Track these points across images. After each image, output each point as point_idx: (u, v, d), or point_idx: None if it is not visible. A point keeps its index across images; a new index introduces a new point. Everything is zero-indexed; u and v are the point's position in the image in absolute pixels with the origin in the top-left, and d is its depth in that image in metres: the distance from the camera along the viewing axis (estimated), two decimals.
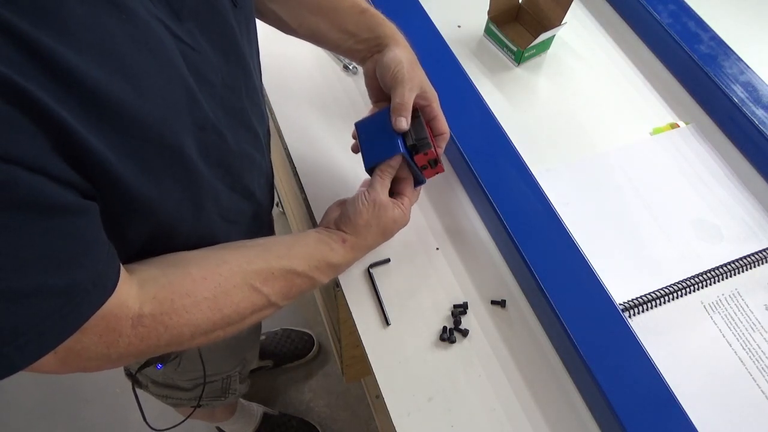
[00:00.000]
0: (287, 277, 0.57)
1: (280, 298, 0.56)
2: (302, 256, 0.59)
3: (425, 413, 0.64)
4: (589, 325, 0.64)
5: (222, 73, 0.52)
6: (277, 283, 0.56)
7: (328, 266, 0.61)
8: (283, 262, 0.57)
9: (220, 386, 0.96)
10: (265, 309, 0.56)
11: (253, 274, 0.54)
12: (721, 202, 0.81)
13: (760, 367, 0.68)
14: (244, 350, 0.96)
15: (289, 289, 0.57)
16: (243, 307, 0.53)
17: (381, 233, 0.65)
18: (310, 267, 0.59)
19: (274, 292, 0.55)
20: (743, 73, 0.86)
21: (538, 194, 0.73)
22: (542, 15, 0.95)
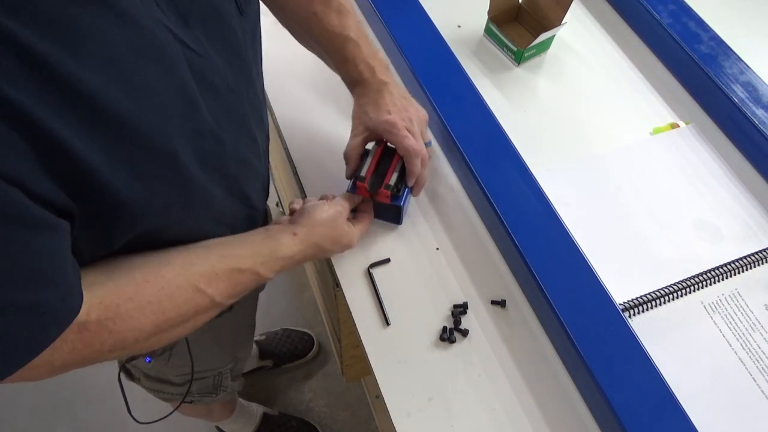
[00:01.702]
0: (231, 276, 0.56)
1: (225, 297, 0.56)
2: (247, 254, 0.59)
3: (425, 413, 0.64)
4: (589, 325, 0.64)
5: (227, 79, 0.53)
6: (221, 284, 0.55)
7: (275, 260, 0.61)
8: (227, 261, 0.56)
9: (212, 383, 0.96)
10: (210, 309, 0.56)
11: (197, 275, 0.53)
12: (721, 202, 0.81)
13: (760, 367, 0.68)
14: (235, 348, 0.96)
15: (234, 287, 0.57)
16: (186, 309, 0.53)
17: (331, 239, 0.66)
18: (255, 263, 0.59)
19: (218, 293, 0.55)
20: (743, 73, 0.86)
21: (538, 194, 0.73)
22: (542, 15, 0.95)
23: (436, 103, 0.80)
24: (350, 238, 0.68)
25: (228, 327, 0.86)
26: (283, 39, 0.77)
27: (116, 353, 0.49)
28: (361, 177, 0.70)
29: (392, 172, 0.70)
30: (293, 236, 0.62)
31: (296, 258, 0.62)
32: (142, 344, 0.51)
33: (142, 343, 0.51)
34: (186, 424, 1.45)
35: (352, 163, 0.71)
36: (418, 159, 0.69)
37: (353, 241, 0.68)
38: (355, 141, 0.71)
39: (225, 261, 0.56)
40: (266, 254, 0.60)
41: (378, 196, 0.70)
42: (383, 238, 0.76)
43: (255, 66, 0.60)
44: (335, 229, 0.66)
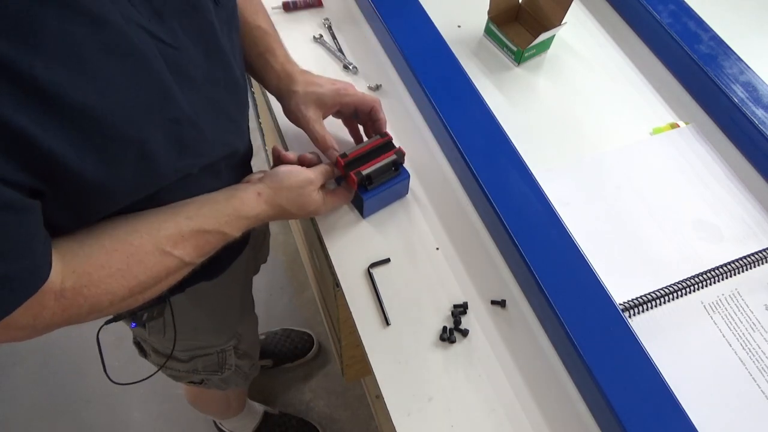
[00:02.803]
0: (197, 236, 0.59)
1: (194, 257, 0.59)
2: (211, 214, 0.61)
3: (425, 413, 0.64)
4: (589, 325, 0.64)
5: (203, 69, 0.56)
6: (188, 244, 0.58)
7: (239, 219, 0.63)
8: (192, 222, 0.59)
9: (216, 360, 0.96)
10: (180, 269, 0.59)
11: (164, 239, 0.56)
12: (721, 202, 0.81)
13: (760, 367, 0.68)
14: (234, 324, 0.96)
15: (202, 247, 0.60)
16: (157, 271, 0.56)
17: (297, 204, 0.67)
18: (219, 223, 0.61)
19: (186, 253, 0.58)
20: (743, 73, 0.86)
21: (538, 194, 0.73)
22: (542, 15, 0.95)
23: (436, 103, 0.80)
24: (316, 207, 0.69)
25: (217, 301, 0.86)
26: (284, 39, 0.77)
27: (94, 315, 0.53)
28: (344, 154, 0.72)
29: (374, 165, 0.72)
30: (258, 196, 0.64)
31: (260, 217, 0.65)
32: (119, 305, 0.55)
33: (118, 305, 0.55)
34: (186, 423, 1.45)
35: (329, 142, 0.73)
36: (382, 108, 0.74)
37: (320, 210, 0.71)
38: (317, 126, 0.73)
39: (190, 222, 0.58)
40: (230, 213, 0.62)
41: (348, 178, 0.72)
42: (383, 238, 0.76)
43: (233, 53, 0.63)
44: (301, 196, 0.67)
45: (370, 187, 0.72)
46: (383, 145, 0.73)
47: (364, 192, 0.72)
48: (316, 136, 0.72)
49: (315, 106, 0.72)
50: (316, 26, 0.97)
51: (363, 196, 0.72)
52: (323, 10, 0.99)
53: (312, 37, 0.95)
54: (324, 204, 0.70)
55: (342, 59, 0.92)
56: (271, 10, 0.98)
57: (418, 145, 0.84)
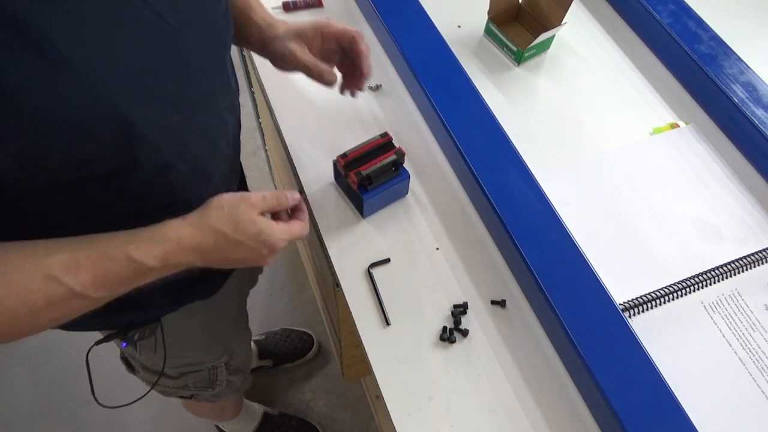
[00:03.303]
0: (98, 262, 0.49)
1: (90, 287, 0.49)
2: (121, 238, 0.51)
3: (425, 413, 0.64)
4: (589, 325, 0.64)
5: (200, 57, 0.54)
6: (83, 272, 0.48)
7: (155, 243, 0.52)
8: (94, 247, 0.50)
9: (207, 376, 0.95)
10: (68, 301, 0.48)
11: (53, 262, 0.47)
12: (721, 202, 0.81)
13: (760, 367, 0.68)
14: (226, 340, 0.95)
15: (102, 276, 0.49)
16: (33, 299, 0.46)
17: (232, 224, 0.56)
18: (127, 248, 0.51)
19: (79, 282, 0.48)
20: (743, 73, 0.86)
21: (538, 194, 0.73)
22: (542, 15, 0.95)
23: (436, 103, 0.80)
24: (259, 228, 0.57)
25: (211, 318, 0.85)
26: None
27: None
28: (344, 154, 0.72)
29: (375, 164, 0.72)
30: (182, 219, 0.55)
31: (185, 242, 0.53)
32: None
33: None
34: (186, 424, 1.45)
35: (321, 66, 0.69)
36: (363, 41, 0.70)
37: (271, 235, 0.58)
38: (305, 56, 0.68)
39: (91, 247, 0.49)
40: (144, 237, 0.52)
41: (348, 178, 0.72)
42: (383, 238, 0.76)
43: (228, 52, 0.62)
44: (234, 215, 0.56)
45: (370, 187, 0.72)
46: (383, 145, 0.73)
47: (364, 192, 0.72)
48: (306, 64, 0.68)
49: (296, 39, 0.69)
50: None
51: (363, 196, 0.72)
52: (323, 10, 0.99)
53: None
54: (272, 229, 0.58)
55: None
56: (271, 10, 0.97)
57: (418, 145, 0.84)
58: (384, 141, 0.73)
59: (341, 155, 0.72)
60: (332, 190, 0.79)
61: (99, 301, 0.51)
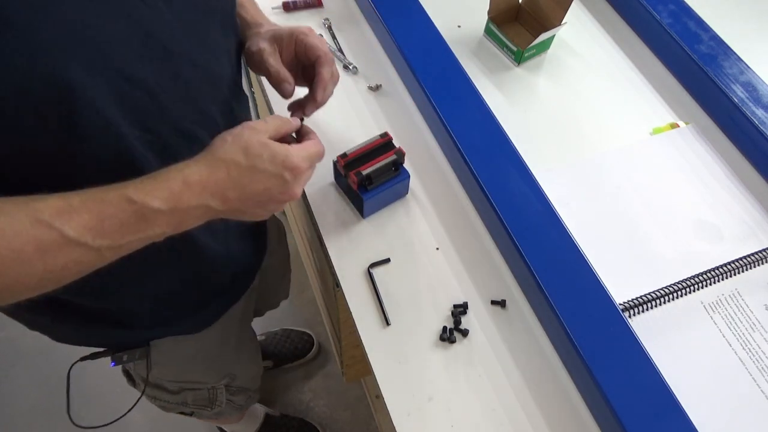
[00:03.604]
0: (93, 206, 0.44)
1: (86, 233, 0.44)
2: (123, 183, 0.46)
3: (425, 413, 0.64)
4: (589, 325, 0.64)
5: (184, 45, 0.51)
6: (77, 216, 0.43)
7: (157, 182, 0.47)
8: (90, 191, 0.45)
9: (207, 396, 0.93)
10: (61, 249, 0.43)
11: (44, 206, 0.43)
12: (721, 202, 0.81)
13: (760, 367, 0.68)
14: (226, 366, 0.92)
15: (100, 221, 0.44)
16: (20, 243, 0.41)
17: (241, 150, 0.51)
18: (127, 188, 0.46)
19: (73, 226, 0.43)
20: (743, 73, 0.86)
21: (538, 194, 0.73)
22: (542, 15, 0.95)
23: (436, 103, 0.80)
24: (273, 150, 0.52)
25: (205, 347, 0.82)
26: None
27: None
28: (344, 154, 0.72)
29: (375, 164, 0.71)
30: (186, 161, 0.50)
31: (192, 179, 0.48)
32: None
33: None
34: (186, 423, 1.45)
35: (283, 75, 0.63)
36: (331, 66, 0.63)
37: (289, 156, 0.52)
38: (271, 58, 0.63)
39: (87, 192, 0.45)
40: (145, 179, 0.47)
41: (348, 178, 0.72)
42: (383, 238, 0.76)
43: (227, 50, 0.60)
44: (241, 140, 0.51)
45: (370, 187, 0.72)
46: (383, 145, 0.73)
47: (364, 192, 0.72)
48: (269, 68, 0.62)
49: (271, 40, 0.64)
50: (316, 26, 0.97)
51: (363, 196, 0.72)
52: (323, 10, 0.99)
53: None
54: (286, 150, 0.53)
55: (342, 59, 0.92)
56: (271, 10, 0.98)
57: (418, 145, 0.84)
58: (384, 141, 0.73)
59: (341, 155, 0.72)
60: (332, 190, 0.79)
61: (102, 252, 0.45)
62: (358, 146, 0.73)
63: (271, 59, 0.62)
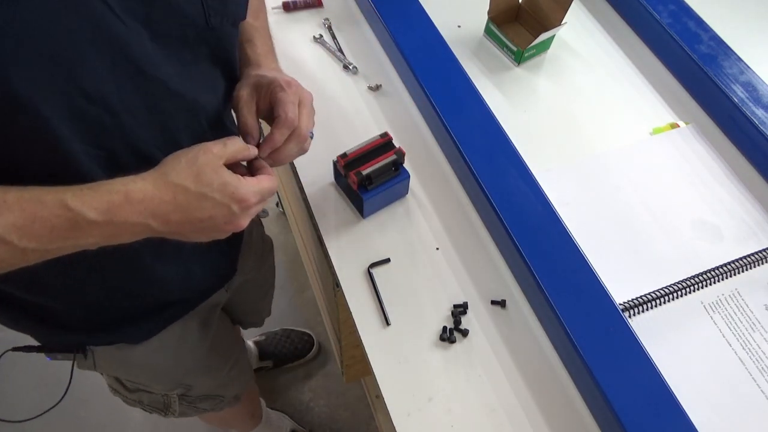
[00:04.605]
0: (26, 206, 0.43)
1: (13, 232, 0.42)
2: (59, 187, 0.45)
3: (425, 413, 0.64)
4: (589, 325, 0.64)
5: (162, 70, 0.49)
6: (8, 214, 0.42)
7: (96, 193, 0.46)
8: (27, 191, 0.44)
9: (161, 401, 0.90)
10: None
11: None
12: (721, 202, 0.81)
13: (760, 367, 0.68)
14: (179, 375, 0.87)
15: (30, 222, 0.43)
16: None
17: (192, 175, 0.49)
18: (65, 194, 0.44)
19: (1, 223, 0.42)
20: (743, 73, 0.86)
21: (538, 194, 0.73)
22: (542, 15, 0.95)
23: (436, 103, 0.80)
24: (224, 179, 0.50)
25: (154, 353, 0.78)
26: (283, 39, 0.78)
27: None
28: (344, 154, 0.72)
29: (375, 164, 0.71)
30: (135, 175, 0.48)
31: (135, 196, 0.47)
32: None
33: None
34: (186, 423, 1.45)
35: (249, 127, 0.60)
36: (288, 131, 0.59)
37: (240, 187, 0.51)
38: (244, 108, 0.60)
39: (24, 190, 0.44)
40: (86, 187, 0.46)
41: (348, 178, 0.72)
42: (383, 238, 0.76)
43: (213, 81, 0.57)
44: (195, 165, 0.49)
45: (370, 187, 0.72)
46: (383, 145, 0.73)
47: (364, 192, 0.72)
48: (238, 117, 0.60)
49: (252, 89, 0.61)
50: (316, 26, 0.97)
51: (363, 196, 0.72)
52: (323, 10, 0.99)
53: (312, 37, 0.95)
54: (239, 181, 0.51)
55: (342, 59, 0.92)
56: (271, 10, 0.98)
57: (418, 145, 0.84)
58: (384, 141, 0.73)
59: (341, 155, 0.72)
60: (332, 190, 0.79)
61: (26, 253, 0.44)
62: (358, 146, 0.73)
63: (245, 109, 0.60)
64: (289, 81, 0.61)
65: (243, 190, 0.51)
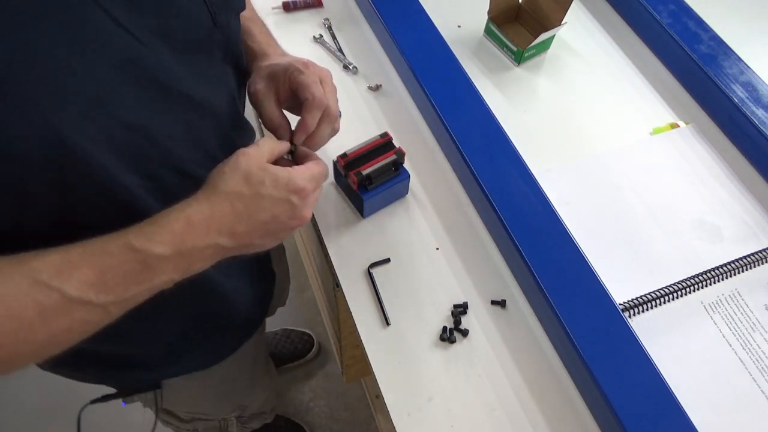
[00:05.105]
0: (94, 259, 0.41)
1: (88, 290, 0.41)
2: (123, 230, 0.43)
3: (425, 413, 0.64)
4: (589, 325, 0.64)
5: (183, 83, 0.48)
6: (77, 271, 0.40)
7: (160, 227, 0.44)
8: (90, 244, 0.42)
9: (218, 426, 0.92)
10: (67, 309, 0.41)
11: (42, 264, 0.40)
12: (721, 202, 0.81)
13: (760, 367, 0.68)
14: (239, 397, 0.91)
15: (102, 274, 0.41)
16: (19, 309, 0.39)
17: (241, 179, 0.48)
18: (128, 236, 0.43)
19: (73, 284, 0.40)
20: (743, 73, 0.86)
21: (538, 194, 0.73)
22: (542, 15, 0.95)
23: (436, 103, 0.80)
24: (274, 174, 0.49)
25: (216, 382, 0.80)
26: (283, 39, 0.78)
27: None
28: (344, 154, 0.72)
29: (375, 164, 0.71)
30: (185, 200, 0.47)
31: (195, 218, 0.45)
32: None
33: None
34: None
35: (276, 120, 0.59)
36: (319, 112, 0.57)
37: (292, 178, 0.50)
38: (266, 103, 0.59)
39: (86, 244, 0.42)
40: (145, 223, 0.44)
41: (348, 178, 0.72)
42: (383, 238, 0.76)
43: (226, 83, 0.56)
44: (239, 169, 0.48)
45: (370, 187, 0.72)
46: (383, 145, 0.73)
47: (364, 192, 0.72)
48: (263, 114, 0.59)
49: (268, 80, 0.59)
50: (316, 26, 0.97)
51: (363, 196, 0.72)
52: (323, 10, 0.99)
53: (312, 37, 0.95)
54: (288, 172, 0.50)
55: (342, 59, 0.92)
56: (271, 10, 0.98)
57: (418, 145, 0.84)
58: (384, 141, 0.73)
59: (341, 155, 0.72)
60: (332, 190, 0.79)
61: (108, 308, 0.43)
62: (358, 146, 0.73)
63: (266, 102, 0.59)
64: (305, 62, 0.59)
65: (296, 179, 0.50)
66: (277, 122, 0.58)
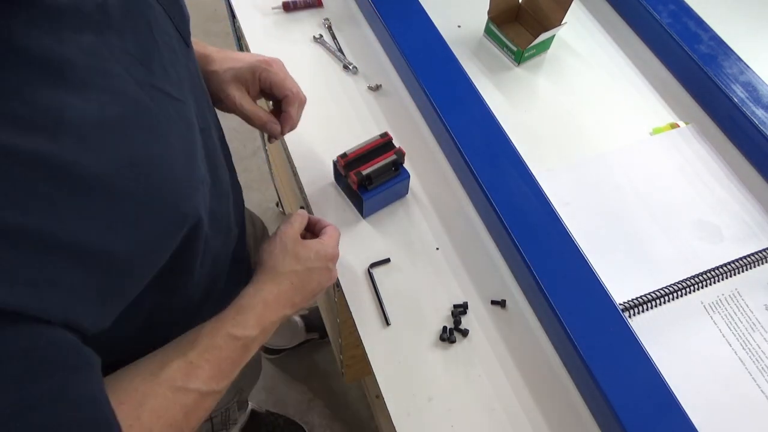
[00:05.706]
0: (209, 356, 0.49)
1: (216, 382, 0.49)
2: (212, 324, 0.52)
3: (425, 413, 0.64)
4: (589, 325, 0.64)
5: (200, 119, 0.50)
6: (201, 371, 0.48)
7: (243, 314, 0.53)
8: (198, 343, 0.50)
9: (221, 419, 0.93)
10: (203, 401, 0.49)
11: (172, 373, 0.47)
12: (721, 202, 0.81)
13: (760, 367, 0.68)
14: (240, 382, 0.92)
15: (219, 366, 0.50)
16: (173, 414, 0.46)
17: (292, 257, 0.58)
18: (225, 328, 0.52)
19: (203, 382, 0.48)
20: (743, 73, 0.86)
21: (538, 194, 0.73)
22: (542, 15, 0.95)
23: (436, 103, 0.80)
24: (314, 249, 0.60)
25: None
26: (283, 39, 0.78)
27: None
28: (344, 154, 0.72)
29: (375, 164, 0.71)
30: (250, 286, 0.56)
31: (270, 299, 0.55)
32: None
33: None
34: None
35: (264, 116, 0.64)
36: (299, 104, 0.65)
37: (326, 248, 0.61)
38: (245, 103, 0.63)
39: (193, 345, 0.49)
40: (231, 314, 0.53)
41: (348, 178, 0.72)
42: (383, 238, 0.76)
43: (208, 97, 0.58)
44: (289, 252, 0.58)
45: (370, 187, 0.72)
46: (383, 145, 0.73)
47: (364, 192, 0.72)
48: (247, 114, 0.64)
49: (235, 82, 0.63)
50: (316, 26, 0.97)
51: (363, 196, 0.72)
52: (323, 10, 0.99)
53: (312, 37, 0.95)
54: (322, 244, 0.61)
55: (342, 59, 0.92)
56: (271, 10, 0.98)
57: (418, 145, 0.84)
58: (384, 141, 0.73)
59: (341, 155, 0.72)
60: (332, 190, 0.79)
61: (222, 390, 0.51)
62: (358, 146, 0.73)
63: (245, 104, 0.63)
64: (266, 60, 0.64)
65: (330, 249, 0.61)
66: (265, 118, 0.64)
